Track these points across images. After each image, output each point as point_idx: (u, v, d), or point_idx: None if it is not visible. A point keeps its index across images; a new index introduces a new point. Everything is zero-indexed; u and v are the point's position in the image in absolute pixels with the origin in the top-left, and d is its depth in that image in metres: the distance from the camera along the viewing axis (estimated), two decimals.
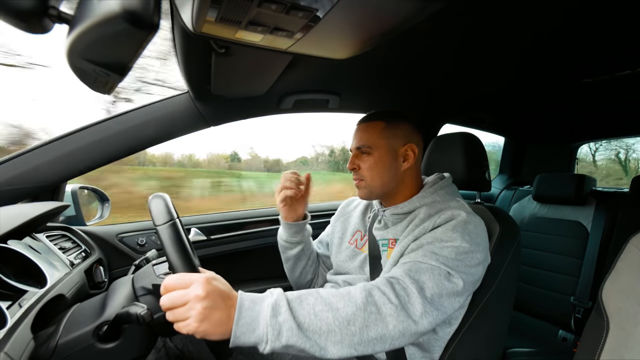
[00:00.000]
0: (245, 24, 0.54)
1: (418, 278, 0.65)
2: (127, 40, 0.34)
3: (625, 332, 0.62)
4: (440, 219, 0.76)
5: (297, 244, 1.02)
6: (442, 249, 0.70)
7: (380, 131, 0.87)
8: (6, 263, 0.64)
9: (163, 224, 0.63)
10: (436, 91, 1.20)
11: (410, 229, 0.81)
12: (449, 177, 0.93)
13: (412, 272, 0.66)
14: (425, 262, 0.68)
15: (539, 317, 1.65)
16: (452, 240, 0.71)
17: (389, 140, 0.86)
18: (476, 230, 0.75)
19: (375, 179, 0.87)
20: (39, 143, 0.89)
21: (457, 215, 0.75)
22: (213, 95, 0.95)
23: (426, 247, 0.71)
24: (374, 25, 0.57)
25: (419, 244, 0.73)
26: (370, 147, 0.86)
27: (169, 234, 0.62)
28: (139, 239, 1.20)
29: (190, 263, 0.62)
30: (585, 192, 1.57)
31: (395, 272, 0.68)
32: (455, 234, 0.72)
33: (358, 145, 0.88)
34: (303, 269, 1.05)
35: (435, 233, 0.73)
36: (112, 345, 0.66)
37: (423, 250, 0.71)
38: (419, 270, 0.66)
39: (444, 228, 0.74)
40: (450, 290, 0.66)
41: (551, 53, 0.84)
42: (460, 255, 0.70)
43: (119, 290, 0.74)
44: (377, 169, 0.86)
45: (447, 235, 0.72)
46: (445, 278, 0.66)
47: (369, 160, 0.87)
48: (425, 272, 0.66)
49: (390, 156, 0.86)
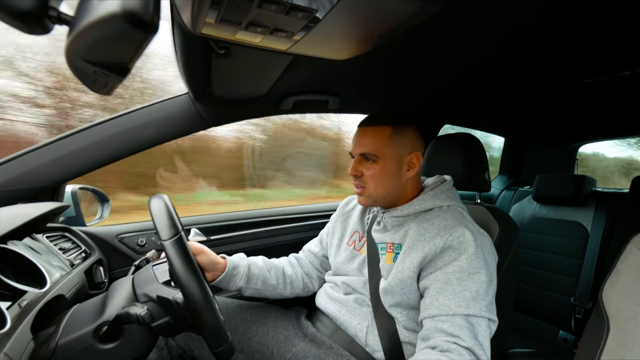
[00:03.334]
0: (245, 25, 0.54)
1: (482, 342, 0.67)
2: (127, 41, 0.34)
3: (625, 332, 0.62)
4: (452, 237, 0.76)
5: (245, 288, 0.93)
6: (472, 283, 0.71)
7: (387, 138, 0.83)
8: (6, 263, 0.64)
9: (169, 239, 0.63)
10: (436, 92, 1.20)
11: (414, 239, 0.80)
12: (450, 180, 0.93)
13: (473, 334, 0.67)
14: (472, 314, 0.69)
15: (539, 317, 1.65)
16: (478, 272, 0.72)
17: (396, 149, 0.84)
18: (488, 247, 0.78)
19: (379, 188, 0.84)
20: (39, 144, 0.90)
21: (468, 233, 0.76)
22: (213, 96, 0.95)
23: (455, 285, 0.72)
24: (374, 25, 0.57)
25: (447, 278, 0.73)
26: (376, 156, 0.83)
27: (175, 250, 0.63)
28: (138, 240, 1.20)
29: (200, 281, 0.63)
30: (585, 192, 1.57)
31: (461, 333, 0.67)
32: (479, 262, 0.73)
33: (363, 152, 0.84)
34: (279, 289, 0.99)
35: (460, 264, 0.73)
36: (112, 346, 0.66)
37: (455, 290, 0.71)
38: (475, 329, 0.68)
39: (467, 255, 0.74)
40: (492, 331, 0.72)
41: (551, 54, 0.84)
42: (489, 288, 0.72)
43: (119, 291, 0.74)
44: (382, 178, 0.84)
45: (472, 266, 0.73)
46: (489, 327, 0.70)
47: (374, 168, 0.84)
48: (480, 331, 0.68)
49: (396, 165, 0.84)
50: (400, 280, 0.79)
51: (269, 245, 1.44)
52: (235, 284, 0.91)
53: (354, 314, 0.88)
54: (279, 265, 1.02)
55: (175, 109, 1.00)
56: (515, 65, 0.94)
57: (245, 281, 0.92)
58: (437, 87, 1.15)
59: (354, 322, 0.87)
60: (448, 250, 0.75)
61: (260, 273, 0.95)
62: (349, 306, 0.90)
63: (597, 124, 1.72)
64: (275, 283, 0.98)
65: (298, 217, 1.56)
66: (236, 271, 0.91)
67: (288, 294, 1.01)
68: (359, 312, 0.88)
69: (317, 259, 1.09)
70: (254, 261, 0.97)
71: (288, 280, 1.01)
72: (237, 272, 0.91)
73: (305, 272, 1.07)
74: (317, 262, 1.09)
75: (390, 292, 0.80)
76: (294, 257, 1.11)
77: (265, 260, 1.01)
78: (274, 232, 1.47)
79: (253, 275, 0.94)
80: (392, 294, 0.80)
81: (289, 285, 1.01)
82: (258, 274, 0.95)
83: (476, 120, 1.66)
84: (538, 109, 1.46)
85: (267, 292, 0.98)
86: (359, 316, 0.87)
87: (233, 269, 0.90)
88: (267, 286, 0.96)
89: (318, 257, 1.09)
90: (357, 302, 0.89)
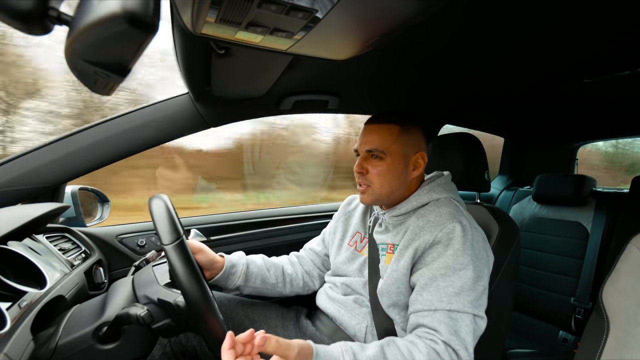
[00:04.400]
0: (245, 25, 0.54)
1: (464, 338, 0.68)
2: (127, 42, 0.34)
3: (625, 333, 0.62)
4: (442, 234, 0.76)
5: (243, 287, 0.93)
6: (457, 279, 0.71)
7: (395, 136, 0.83)
8: (6, 264, 0.64)
9: (170, 243, 0.63)
10: (436, 92, 1.20)
11: (409, 237, 0.80)
12: (448, 174, 0.93)
13: (453, 329, 0.68)
14: (454, 309, 0.69)
15: (539, 317, 1.65)
16: (464, 268, 0.72)
17: (403, 147, 0.84)
18: (480, 243, 0.77)
19: (384, 186, 0.84)
20: (40, 144, 0.90)
21: (459, 229, 0.75)
22: (213, 96, 0.95)
23: (440, 280, 0.72)
24: (374, 25, 0.57)
25: (432, 274, 0.73)
26: (383, 153, 0.83)
27: (177, 254, 0.63)
28: (138, 240, 1.20)
29: (202, 285, 0.63)
30: (585, 192, 1.57)
31: (440, 327, 0.68)
32: (466, 257, 0.73)
33: (370, 149, 0.84)
34: (278, 288, 0.99)
35: (446, 260, 0.73)
36: (112, 346, 0.66)
37: (439, 286, 0.71)
38: (456, 325, 0.68)
39: (453, 251, 0.73)
40: (480, 327, 0.73)
41: (551, 53, 0.85)
42: (476, 284, 0.72)
43: (119, 291, 0.74)
44: (388, 176, 0.83)
45: (458, 262, 0.72)
46: (473, 323, 0.71)
47: (380, 166, 0.83)
48: (462, 326, 0.69)
49: (402, 164, 0.84)
50: (395, 279, 0.79)
51: (269, 245, 1.44)
52: (233, 283, 0.91)
53: (353, 314, 0.88)
54: (278, 263, 1.02)
55: (176, 109, 1.00)
56: (515, 66, 0.94)
57: (243, 280, 0.91)
58: (437, 87, 1.15)
59: (353, 321, 0.87)
60: (436, 246, 0.75)
61: (259, 272, 0.95)
62: (348, 306, 0.90)
63: (597, 124, 1.72)
64: (274, 282, 0.97)
65: (298, 218, 1.56)
66: (234, 270, 0.91)
67: (288, 292, 1.01)
68: (358, 312, 0.88)
69: (318, 258, 1.09)
70: (253, 260, 0.97)
71: (288, 279, 1.00)
72: (235, 271, 0.91)
73: (306, 271, 1.07)
74: (319, 260, 1.08)
75: (386, 292, 0.80)
76: (295, 255, 1.11)
77: (264, 259, 1.00)
78: (274, 233, 1.47)
79: (252, 274, 0.93)
80: (388, 294, 0.80)
81: (289, 284, 1.01)
82: (257, 273, 0.94)
83: (476, 120, 1.66)
84: (538, 108, 1.46)
85: (267, 291, 0.97)
86: (358, 316, 0.87)
87: (231, 268, 0.90)
88: (266, 285, 0.96)
89: (320, 256, 1.08)
90: (356, 302, 0.89)
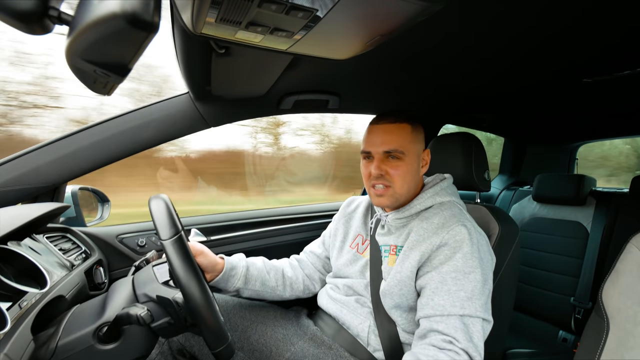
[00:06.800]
0: (245, 25, 0.54)
1: (477, 344, 0.68)
2: (127, 41, 0.34)
3: (625, 332, 0.62)
4: (449, 236, 0.76)
5: (242, 289, 0.92)
6: (467, 283, 0.72)
7: (410, 135, 0.84)
8: (6, 264, 0.64)
9: (169, 238, 0.63)
10: (436, 92, 1.20)
11: (415, 240, 0.80)
12: (450, 177, 0.93)
13: (468, 335, 0.68)
14: (467, 314, 0.69)
15: (539, 317, 1.65)
16: (474, 271, 0.72)
17: (416, 145, 0.85)
18: (484, 246, 0.78)
19: (404, 186, 0.84)
20: (40, 144, 0.90)
21: (465, 232, 0.76)
22: (213, 95, 0.95)
23: (451, 284, 0.72)
24: (374, 25, 0.57)
25: (442, 278, 0.73)
26: (402, 153, 0.82)
27: (175, 249, 0.63)
28: (138, 240, 1.20)
29: (200, 281, 0.63)
30: (585, 192, 1.57)
31: (456, 334, 0.67)
32: (474, 260, 0.73)
33: (389, 149, 0.82)
34: (278, 291, 0.98)
35: (456, 263, 0.73)
36: (112, 347, 0.66)
37: (450, 290, 0.71)
38: (469, 330, 0.69)
39: (462, 254, 0.74)
40: (487, 331, 0.73)
41: (551, 54, 0.84)
42: (484, 288, 0.73)
43: (119, 291, 0.74)
44: (408, 176, 0.83)
45: (468, 265, 0.73)
46: (483, 328, 0.71)
47: (401, 166, 0.83)
48: (474, 332, 0.69)
49: (417, 162, 0.85)
50: (399, 281, 0.79)
51: (270, 245, 1.44)
52: (233, 285, 0.90)
53: (356, 313, 0.88)
54: (279, 266, 1.01)
55: (176, 108, 1.00)
56: (515, 66, 0.94)
57: (243, 282, 0.91)
58: (437, 87, 1.15)
59: (355, 321, 0.87)
60: (443, 248, 0.75)
61: (259, 274, 0.95)
62: (350, 306, 0.90)
63: (596, 124, 1.72)
64: (274, 285, 0.97)
65: (298, 217, 1.56)
66: (234, 272, 0.90)
67: (288, 295, 1.01)
68: (361, 312, 0.88)
69: (319, 261, 1.08)
70: (253, 262, 0.96)
71: (288, 282, 1.00)
72: (234, 273, 0.90)
73: (307, 274, 1.06)
74: (320, 263, 1.08)
75: (389, 293, 0.81)
76: (295, 258, 1.10)
77: (265, 262, 1.00)
78: (275, 233, 1.47)
79: (251, 277, 0.93)
80: (391, 296, 0.80)
81: (289, 287, 1.00)
82: (257, 275, 0.94)
83: (476, 120, 1.66)
84: (538, 108, 1.46)
85: (266, 294, 0.97)
86: (360, 316, 0.87)
87: (231, 270, 0.90)
88: (266, 288, 0.96)
89: (320, 259, 1.08)
90: (358, 303, 0.89)
